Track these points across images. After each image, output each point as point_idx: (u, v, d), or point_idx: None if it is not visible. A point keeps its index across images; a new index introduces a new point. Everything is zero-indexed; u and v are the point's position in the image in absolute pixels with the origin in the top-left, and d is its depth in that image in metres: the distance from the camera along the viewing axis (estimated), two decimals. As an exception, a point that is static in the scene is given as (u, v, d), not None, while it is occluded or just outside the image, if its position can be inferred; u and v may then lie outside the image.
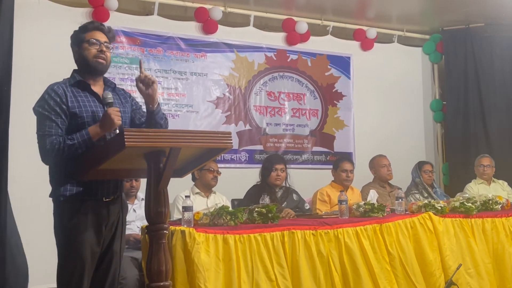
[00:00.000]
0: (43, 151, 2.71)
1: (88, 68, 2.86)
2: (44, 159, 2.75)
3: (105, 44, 2.86)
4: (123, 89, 3.08)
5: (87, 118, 2.77)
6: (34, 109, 2.78)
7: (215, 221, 3.58)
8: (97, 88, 2.89)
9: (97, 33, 2.87)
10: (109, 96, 2.79)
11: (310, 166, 6.50)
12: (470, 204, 4.52)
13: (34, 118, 2.80)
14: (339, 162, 5.38)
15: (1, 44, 3.70)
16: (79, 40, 2.87)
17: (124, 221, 2.93)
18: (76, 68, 2.91)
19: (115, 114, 2.71)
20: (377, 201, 4.98)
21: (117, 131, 2.70)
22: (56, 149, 2.67)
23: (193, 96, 5.95)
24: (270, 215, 3.75)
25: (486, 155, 6.21)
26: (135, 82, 2.89)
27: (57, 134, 2.70)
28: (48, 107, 2.72)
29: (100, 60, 2.84)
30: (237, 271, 3.40)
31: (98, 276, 2.81)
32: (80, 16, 5.28)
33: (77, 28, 2.93)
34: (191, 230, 3.35)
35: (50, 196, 2.80)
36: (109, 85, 2.96)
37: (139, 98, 3.04)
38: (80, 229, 2.71)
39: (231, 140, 2.69)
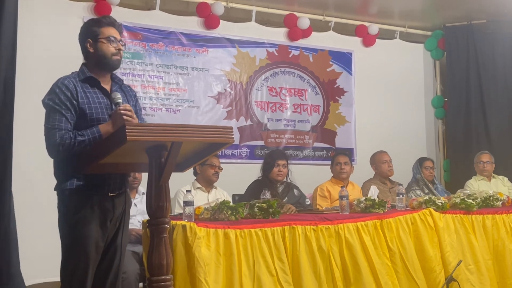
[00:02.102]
0: (52, 144, 2.69)
1: (103, 65, 2.84)
2: (51, 153, 2.73)
3: (121, 42, 2.87)
4: (129, 86, 3.08)
5: (96, 115, 2.77)
6: (44, 101, 2.76)
7: (216, 216, 3.58)
8: (105, 84, 2.89)
9: (112, 30, 2.86)
10: (118, 96, 2.79)
11: (311, 162, 6.50)
12: (470, 201, 4.52)
13: (37, 111, 2.80)
14: (334, 157, 5.49)
15: (5, 38, 3.71)
16: (94, 33, 2.84)
17: (127, 216, 2.94)
18: (83, 61, 2.89)
19: (126, 113, 2.70)
20: (377, 197, 4.97)
21: None
22: (67, 144, 2.66)
23: (194, 91, 5.95)
24: (271, 210, 3.75)
25: (486, 152, 6.21)
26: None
27: (66, 129, 2.69)
28: (58, 101, 2.71)
29: (117, 57, 2.84)
30: (238, 266, 3.41)
31: (101, 270, 2.81)
32: (82, 10, 5.28)
33: (81, 22, 2.93)
34: (192, 224, 3.35)
35: (55, 189, 2.80)
36: (117, 81, 2.96)
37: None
38: (85, 223, 2.71)
39: (232, 134, 2.69)
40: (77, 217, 2.71)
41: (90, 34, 2.85)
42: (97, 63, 2.85)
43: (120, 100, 2.77)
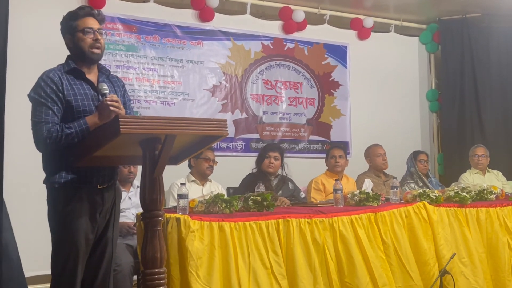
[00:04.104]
0: (39, 138, 2.69)
1: (83, 58, 2.84)
2: (39, 146, 2.73)
3: (99, 31, 2.85)
4: (117, 77, 3.06)
5: (82, 107, 2.76)
6: (29, 95, 2.76)
7: (210, 208, 3.58)
8: (92, 75, 2.88)
9: (89, 20, 2.85)
10: (104, 87, 2.77)
11: (306, 155, 6.51)
12: (464, 194, 4.53)
13: (28, 105, 2.79)
14: (329, 150, 5.49)
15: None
16: (71, 28, 2.84)
17: (118, 208, 2.93)
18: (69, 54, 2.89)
19: (113, 104, 2.69)
20: (372, 190, 4.99)
21: None
22: (54, 137, 2.66)
23: (189, 84, 5.93)
24: (265, 203, 3.75)
25: (481, 145, 6.22)
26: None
27: (53, 122, 2.68)
28: (44, 94, 2.71)
29: (96, 51, 2.83)
30: (234, 258, 3.40)
31: (92, 263, 2.81)
32: (75, 2, 5.23)
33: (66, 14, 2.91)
34: (186, 217, 3.34)
35: (44, 182, 2.79)
36: (104, 72, 2.95)
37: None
38: (75, 216, 2.70)
39: (226, 127, 2.69)
40: (66, 210, 2.70)
41: (67, 29, 2.86)
42: (78, 56, 2.85)
43: (107, 91, 2.75)
